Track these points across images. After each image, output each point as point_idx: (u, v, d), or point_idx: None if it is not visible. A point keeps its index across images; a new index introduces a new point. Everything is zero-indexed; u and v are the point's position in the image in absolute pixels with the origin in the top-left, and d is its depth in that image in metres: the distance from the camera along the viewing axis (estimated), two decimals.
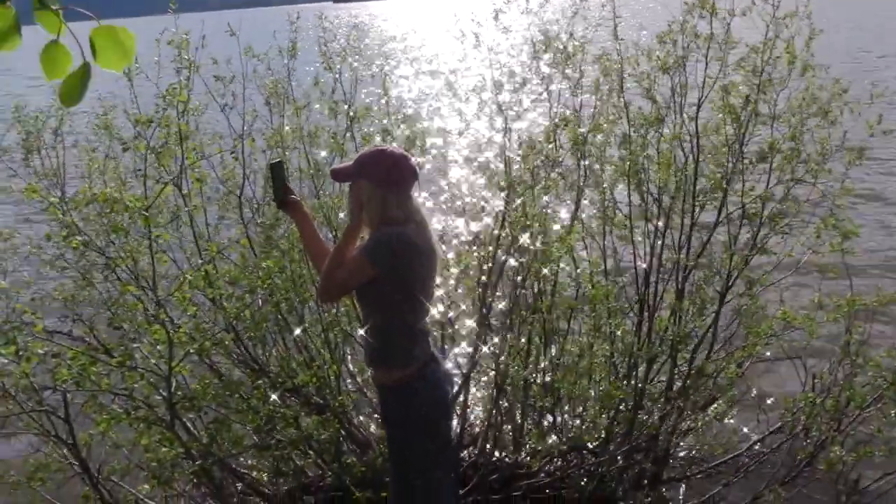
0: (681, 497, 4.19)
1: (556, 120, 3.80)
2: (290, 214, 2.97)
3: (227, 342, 3.58)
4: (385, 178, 2.65)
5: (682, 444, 4.23)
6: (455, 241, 3.79)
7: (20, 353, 3.05)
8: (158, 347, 3.20)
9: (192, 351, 3.23)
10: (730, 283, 3.82)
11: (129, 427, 3.27)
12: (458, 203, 3.86)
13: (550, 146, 3.76)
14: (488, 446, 3.92)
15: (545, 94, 4.02)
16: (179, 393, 3.22)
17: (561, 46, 3.91)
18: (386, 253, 2.61)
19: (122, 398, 3.23)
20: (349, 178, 2.77)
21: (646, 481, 3.91)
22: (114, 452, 3.60)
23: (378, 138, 4.01)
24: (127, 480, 3.70)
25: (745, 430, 4.14)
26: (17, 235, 3.47)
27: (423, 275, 2.71)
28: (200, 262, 3.50)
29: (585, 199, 3.97)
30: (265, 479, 3.90)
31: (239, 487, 3.88)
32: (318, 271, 3.10)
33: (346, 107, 4.07)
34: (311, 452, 3.81)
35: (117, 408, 3.28)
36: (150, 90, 3.45)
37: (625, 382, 3.74)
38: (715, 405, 3.91)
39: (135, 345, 3.26)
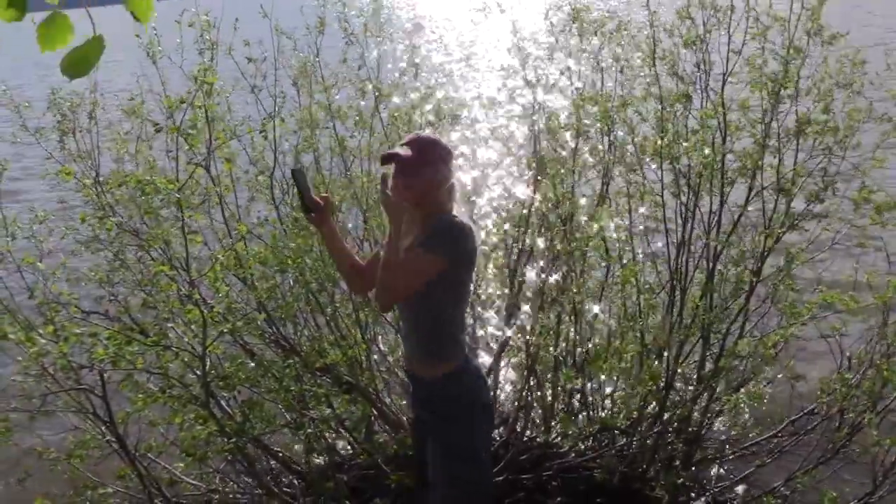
0: (713, 478, 4.16)
1: (583, 95, 3.76)
2: (316, 226, 2.85)
3: (258, 322, 3.61)
4: (450, 165, 2.59)
5: (714, 424, 4.19)
6: (484, 222, 3.78)
7: (58, 333, 3.11)
8: (192, 327, 3.25)
9: (224, 331, 3.27)
10: (762, 262, 3.76)
11: (164, 405, 3.33)
12: (487, 181, 3.84)
13: (578, 123, 3.72)
14: (519, 426, 3.92)
15: (571, 70, 3.98)
16: (213, 372, 3.25)
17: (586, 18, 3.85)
18: (453, 243, 2.54)
19: (157, 377, 3.28)
20: (415, 165, 2.55)
21: (678, 462, 3.89)
22: (149, 430, 3.66)
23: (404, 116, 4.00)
24: (162, 458, 3.78)
25: (779, 411, 4.07)
26: (52, 217, 3.53)
27: (474, 263, 2.68)
28: (231, 242, 3.53)
29: (614, 177, 3.93)
30: (298, 456, 3.94)
31: (273, 465, 3.94)
32: (350, 285, 3.12)
33: (371, 85, 4.05)
34: (342, 431, 3.85)
35: (153, 387, 3.34)
36: (177, 73, 3.48)
37: (656, 363, 3.70)
38: (748, 386, 3.86)
39: (169, 324, 3.30)
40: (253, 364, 3.48)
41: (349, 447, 4.07)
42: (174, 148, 3.38)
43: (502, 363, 4.00)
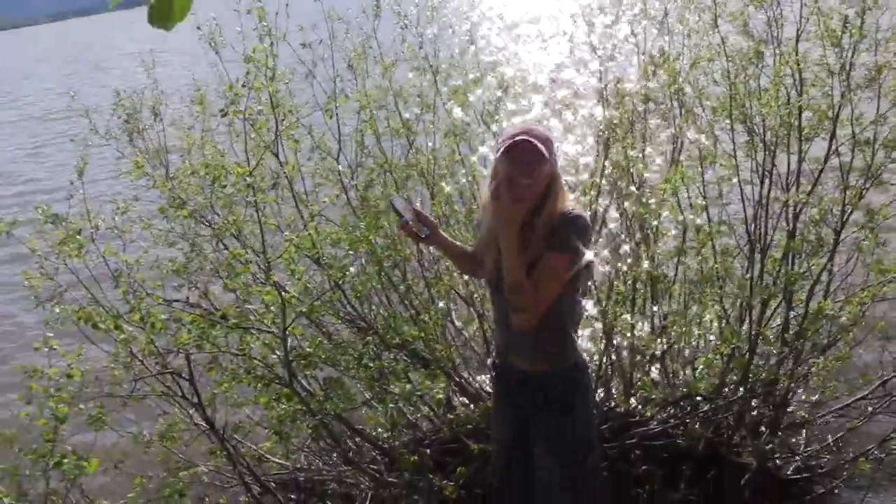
0: (802, 443, 4.06)
1: (651, 58, 3.67)
2: (432, 245, 2.81)
3: (334, 302, 3.65)
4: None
5: (801, 388, 4.07)
6: None
7: (144, 320, 3.21)
8: (271, 309, 3.31)
9: (303, 311, 3.32)
10: (845, 219, 3.63)
11: (249, 387, 3.41)
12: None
13: (647, 86, 3.64)
14: (599, 396, 3.88)
15: (636, 35, 3.90)
16: (294, 351, 3.31)
17: None
18: (585, 236, 2.43)
19: (240, 359, 3.36)
20: (540, 161, 2.39)
21: (765, 427, 3.80)
22: (235, 412, 3.76)
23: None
24: (249, 439, 3.87)
25: (869, 372, 3.93)
26: (133, 207, 3.63)
27: None
28: (303, 224, 3.57)
29: (686, 139, 3.83)
30: (381, 433, 3.99)
31: (357, 441, 4.00)
32: (473, 275, 3.14)
33: (430, 64, 4.04)
34: (423, 406, 3.87)
35: (237, 369, 3.42)
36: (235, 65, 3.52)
37: (738, 327, 3.61)
38: (835, 347, 3.74)
39: (249, 306, 3.37)
40: (331, 343, 3.52)
41: (430, 422, 4.10)
42: (238, 136, 3.44)
43: (580, 333, 3.96)
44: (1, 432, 3.21)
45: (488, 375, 3.36)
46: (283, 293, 3.15)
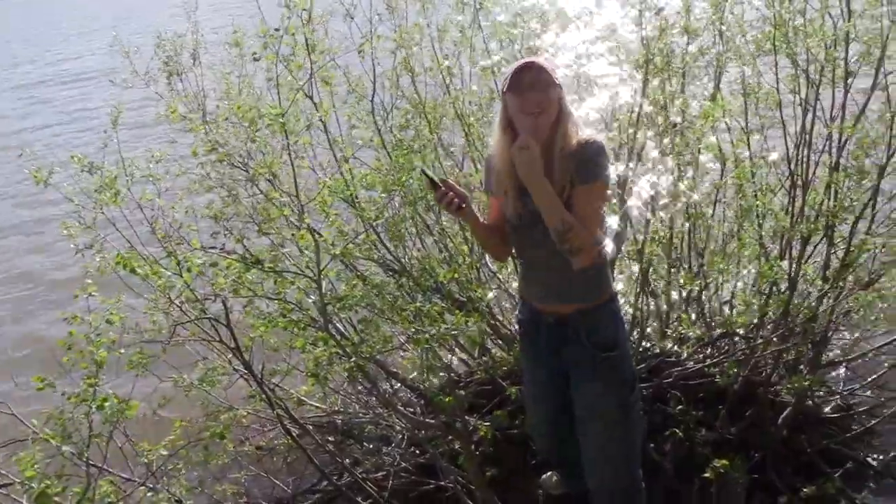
0: (842, 381, 4.02)
1: None
2: (465, 219, 2.68)
3: (368, 245, 3.64)
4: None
5: (841, 326, 4.01)
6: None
7: (180, 265, 3.22)
8: (306, 252, 3.31)
9: (336, 254, 3.31)
10: (891, 152, 3.52)
11: (284, 331, 3.42)
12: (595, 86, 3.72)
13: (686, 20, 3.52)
14: (635, 335, 3.86)
15: None
16: (329, 294, 3.31)
17: None
18: (607, 162, 2.42)
19: (276, 303, 3.37)
20: (549, 82, 2.38)
21: (803, 366, 3.76)
22: (272, 356, 3.79)
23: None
24: (286, 382, 3.91)
25: None
26: (169, 156, 3.62)
27: None
28: (337, 166, 3.55)
29: (726, 73, 3.73)
30: (416, 376, 4.01)
31: (392, 384, 4.03)
32: (497, 257, 3.13)
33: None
34: (458, 350, 3.88)
35: (273, 313, 3.43)
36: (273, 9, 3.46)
37: (778, 263, 3.54)
38: (877, 284, 3.66)
39: (283, 250, 3.37)
40: (366, 285, 3.52)
41: (465, 365, 4.12)
42: (270, 81, 3.39)
43: (615, 273, 3.92)
44: (44, 376, 3.27)
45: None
46: (316, 236, 3.14)
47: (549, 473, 3.27)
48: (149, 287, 3.25)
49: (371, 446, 4.00)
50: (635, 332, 3.88)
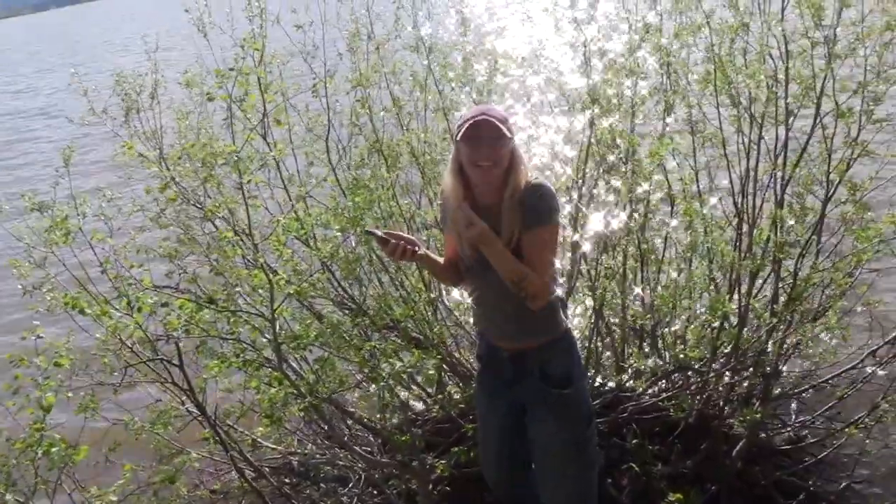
0: (794, 413, 4.08)
1: (639, 30, 3.66)
2: (419, 262, 2.72)
3: (323, 283, 3.63)
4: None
5: (791, 359, 4.09)
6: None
7: (132, 305, 3.17)
8: (260, 291, 3.29)
9: (290, 293, 3.30)
10: (832, 188, 3.63)
11: (239, 371, 3.39)
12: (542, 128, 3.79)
13: (633, 59, 3.62)
14: (590, 371, 3.89)
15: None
16: (283, 333, 3.29)
17: None
18: (557, 203, 2.48)
19: (230, 343, 3.34)
20: (502, 136, 2.40)
21: (755, 399, 3.81)
22: (226, 397, 3.74)
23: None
24: (241, 423, 3.86)
25: (858, 341, 3.95)
26: (121, 196, 3.59)
27: None
28: (291, 205, 3.55)
29: (672, 115, 3.83)
30: (372, 415, 3.99)
31: (349, 424, 3.99)
32: (452, 284, 3.13)
33: (424, 43, 4.02)
34: (414, 388, 3.87)
35: (227, 353, 3.39)
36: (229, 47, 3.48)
37: (728, 298, 3.62)
38: (825, 317, 3.75)
39: (237, 289, 3.35)
40: (321, 324, 3.51)
41: (422, 402, 4.10)
42: (225, 120, 3.40)
43: (569, 310, 3.96)
44: None
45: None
46: (270, 276, 3.13)
47: None
48: (99, 326, 3.21)
49: (328, 487, 3.95)
50: (591, 367, 3.90)
